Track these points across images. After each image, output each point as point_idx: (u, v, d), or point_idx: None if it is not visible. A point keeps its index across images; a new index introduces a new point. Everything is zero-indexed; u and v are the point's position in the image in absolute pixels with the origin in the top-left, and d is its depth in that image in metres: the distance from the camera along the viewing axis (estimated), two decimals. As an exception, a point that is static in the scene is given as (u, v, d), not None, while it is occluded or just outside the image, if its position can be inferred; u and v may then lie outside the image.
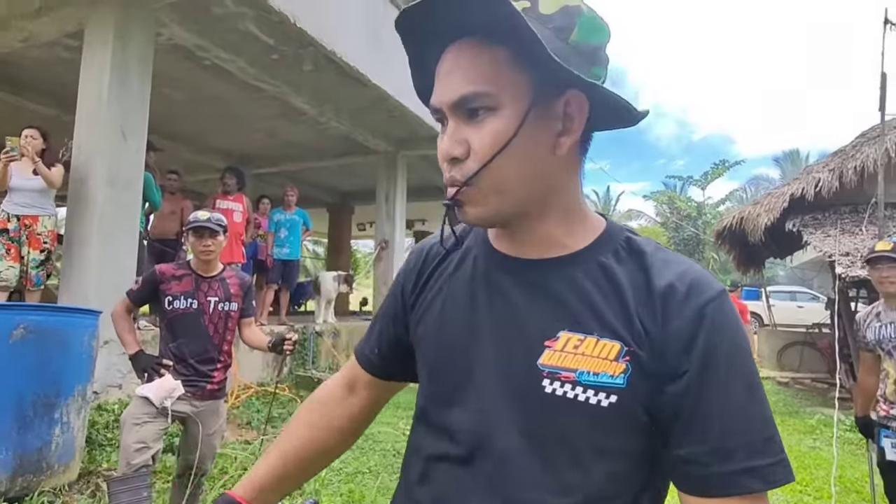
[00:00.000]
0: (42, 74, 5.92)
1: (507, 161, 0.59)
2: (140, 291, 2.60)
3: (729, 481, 0.54)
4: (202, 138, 8.52)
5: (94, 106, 4.30)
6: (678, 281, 0.59)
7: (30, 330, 2.75)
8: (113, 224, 4.26)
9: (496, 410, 0.62)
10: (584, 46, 0.59)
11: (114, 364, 4.25)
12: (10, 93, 6.16)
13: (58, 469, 2.80)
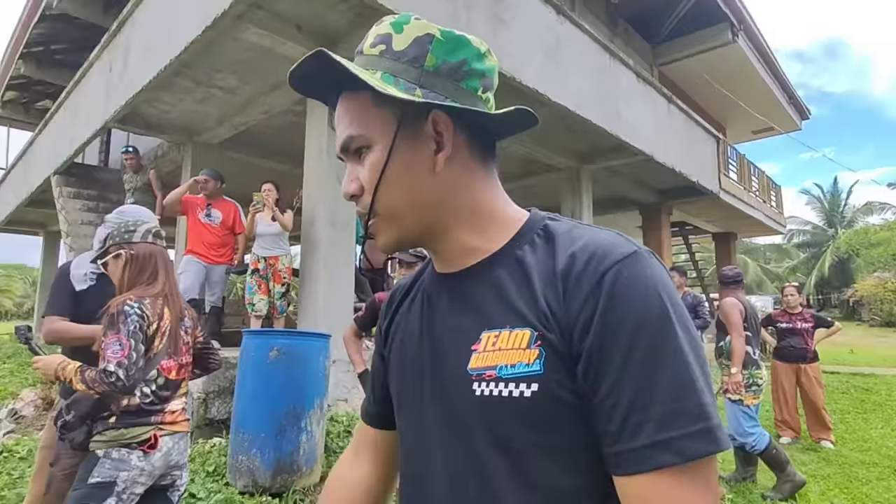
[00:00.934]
0: (277, 138, 7.19)
1: (389, 188, 0.64)
2: (363, 318, 2.93)
3: (637, 457, 0.51)
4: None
5: (315, 160, 5.06)
6: (579, 253, 0.58)
7: (282, 351, 3.30)
8: (335, 260, 4.92)
9: (434, 439, 0.64)
10: (444, 66, 0.63)
11: (340, 380, 4.86)
12: (254, 155, 7.60)
13: (305, 471, 3.27)
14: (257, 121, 6.54)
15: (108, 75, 6.97)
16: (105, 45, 7.02)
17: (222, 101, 6.32)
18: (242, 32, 4.65)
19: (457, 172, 0.66)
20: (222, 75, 5.70)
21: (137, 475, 1.80)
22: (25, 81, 12.35)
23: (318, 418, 3.40)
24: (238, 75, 5.68)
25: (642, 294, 0.54)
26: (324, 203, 4.94)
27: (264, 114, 6.31)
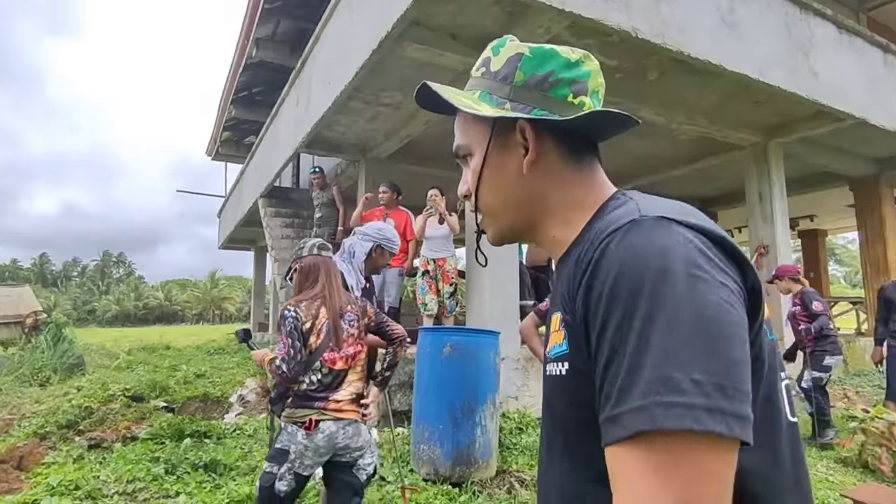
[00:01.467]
0: (438, 146, 7.55)
1: (486, 190, 0.73)
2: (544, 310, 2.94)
3: (615, 422, 0.48)
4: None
5: (476, 161, 5.20)
6: (594, 231, 0.61)
7: (454, 347, 3.44)
8: (499, 260, 4.99)
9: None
10: (532, 80, 0.70)
11: (510, 378, 4.91)
12: (418, 164, 8.08)
13: (481, 464, 3.36)
14: (419, 132, 6.94)
15: (295, 108, 8.01)
16: (292, 83, 8.07)
17: (388, 118, 6.84)
18: (404, 50, 4.97)
19: (545, 173, 0.71)
20: (388, 93, 6.17)
21: (303, 450, 2.09)
22: (236, 122, 14.77)
23: (492, 413, 3.48)
24: (401, 91, 6.09)
25: (620, 262, 0.53)
26: (485, 204, 5.05)
27: (425, 125, 6.67)
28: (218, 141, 16.12)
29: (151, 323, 53.03)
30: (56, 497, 2.97)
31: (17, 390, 6.77)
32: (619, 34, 4.77)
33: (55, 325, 8.58)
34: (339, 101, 6.24)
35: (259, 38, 10.91)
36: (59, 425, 4.74)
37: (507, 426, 4.30)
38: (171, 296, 65.09)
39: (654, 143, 7.64)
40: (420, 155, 7.96)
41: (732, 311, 0.50)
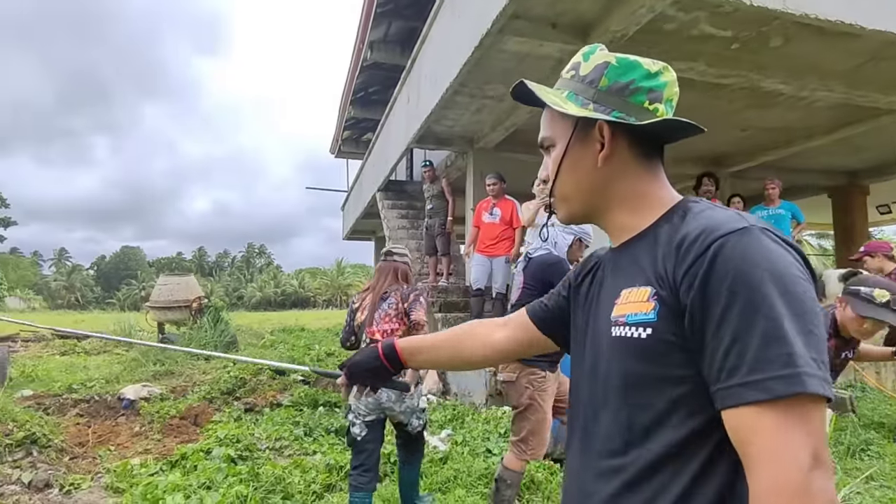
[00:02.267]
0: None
1: (564, 176, 0.86)
2: None
3: (732, 394, 0.61)
4: (674, 150, 8.63)
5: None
6: (695, 227, 0.70)
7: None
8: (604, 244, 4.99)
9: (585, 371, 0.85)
10: (615, 86, 0.81)
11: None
12: (524, 153, 8.18)
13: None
14: (524, 121, 7.05)
15: (406, 106, 8.50)
16: (403, 82, 8.57)
17: (493, 109, 7.03)
18: (504, 44, 5.13)
19: (617, 167, 0.83)
20: (491, 86, 6.36)
21: (356, 406, 2.71)
22: (355, 121, 15.84)
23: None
24: (504, 83, 6.25)
25: (739, 261, 0.64)
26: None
27: (529, 114, 6.76)
28: (339, 139, 17.40)
29: (288, 308, 58.60)
30: (223, 447, 3.64)
31: (189, 363, 8.07)
32: (732, 4, 4.51)
33: (214, 308, 10.01)
34: (446, 97, 6.56)
35: (373, 40, 11.61)
36: (222, 392, 5.65)
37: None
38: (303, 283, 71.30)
39: (782, 113, 7.01)
40: (525, 143, 8.06)
41: (817, 305, 0.65)
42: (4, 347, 7.70)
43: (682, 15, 4.79)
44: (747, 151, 8.76)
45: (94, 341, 11.46)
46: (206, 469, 3.23)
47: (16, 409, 4.33)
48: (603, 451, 0.77)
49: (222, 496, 2.77)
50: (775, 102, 6.59)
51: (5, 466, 3.21)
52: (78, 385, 6.42)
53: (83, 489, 3.08)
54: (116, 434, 4.49)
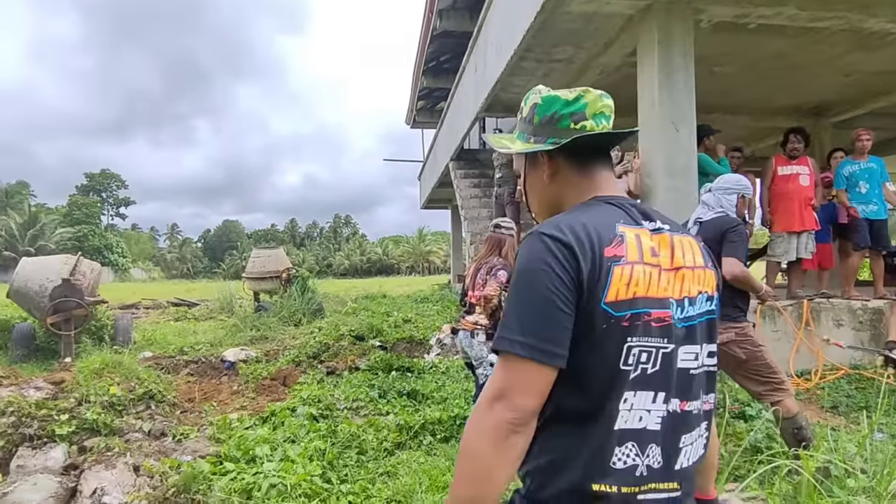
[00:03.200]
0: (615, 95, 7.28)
1: (529, 196, 1.10)
2: None
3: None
4: (765, 102, 8.11)
5: (648, 110, 5.00)
6: None
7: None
8: (675, 208, 4.80)
9: None
10: (545, 119, 1.00)
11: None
12: (598, 116, 7.88)
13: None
14: (593, 82, 6.78)
15: (474, 75, 8.45)
16: (470, 50, 8.50)
17: (562, 72, 6.83)
18: (568, 5, 4.95)
19: (561, 180, 1.03)
20: (558, 49, 6.17)
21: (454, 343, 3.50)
22: (427, 91, 15.92)
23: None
24: (572, 45, 6.04)
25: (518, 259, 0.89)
26: (659, 152, 4.86)
27: (599, 74, 6.51)
28: (414, 110, 17.60)
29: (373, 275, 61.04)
30: (307, 406, 4.02)
31: (280, 328, 8.80)
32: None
33: (301, 278, 10.74)
34: (511, 64, 6.46)
35: (441, 8, 11.53)
36: (307, 356, 6.16)
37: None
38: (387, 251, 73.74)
39: (891, 55, 6.22)
40: (598, 105, 7.76)
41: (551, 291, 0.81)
42: (129, 314, 8.79)
43: (764, -44, 4.38)
44: (852, 98, 7.88)
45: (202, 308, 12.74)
46: (290, 425, 3.62)
47: (139, 369, 5.02)
48: None
49: (303, 449, 3.10)
50: (884, 43, 5.86)
51: (130, 417, 3.79)
52: (188, 348, 7.24)
53: (191, 438, 3.56)
54: (218, 392, 5.07)
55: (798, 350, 4.96)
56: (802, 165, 5.63)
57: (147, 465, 2.99)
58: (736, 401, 3.91)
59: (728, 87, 7.18)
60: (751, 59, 6.42)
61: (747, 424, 3.57)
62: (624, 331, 0.82)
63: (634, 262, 0.85)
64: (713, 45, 5.84)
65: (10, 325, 7.10)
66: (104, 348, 6.64)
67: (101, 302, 7.42)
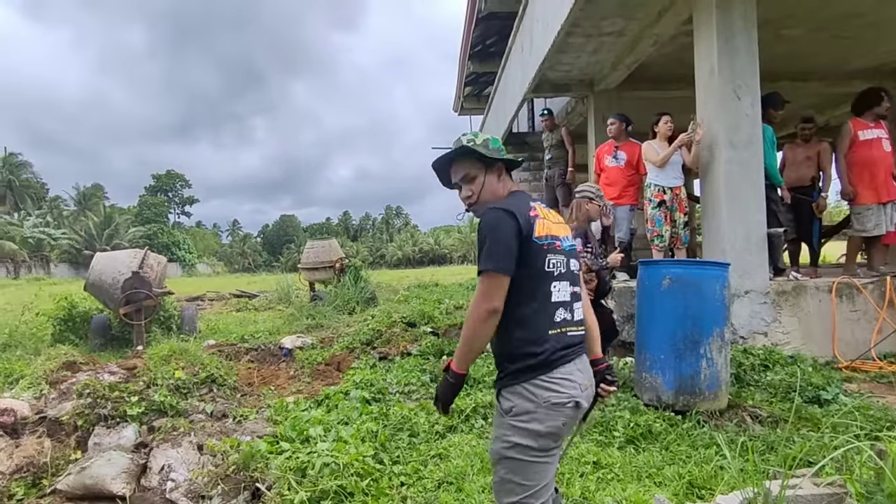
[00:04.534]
0: (670, 66, 6.92)
1: (483, 193, 1.69)
2: None
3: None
4: (839, 66, 7.49)
5: (706, 78, 4.70)
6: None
7: (674, 280, 3.40)
8: (738, 182, 4.52)
9: None
10: (493, 148, 1.69)
11: (757, 313, 4.51)
12: (650, 89, 7.53)
13: (708, 395, 3.32)
14: (647, 54, 6.48)
15: (521, 55, 8.25)
16: (516, 30, 8.29)
17: (612, 46, 6.55)
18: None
19: (502, 181, 1.71)
20: (608, 21, 5.91)
21: None
22: (475, 76, 15.71)
23: (720, 346, 3.36)
24: (623, 16, 5.78)
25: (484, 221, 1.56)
26: (720, 122, 4.57)
27: (653, 45, 6.20)
28: (461, 96, 17.43)
29: (426, 265, 61.50)
30: (359, 390, 4.08)
31: (335, 316, 9.00)
32: None
33: (354, 268, 10.94)
34: (559, 41, 6.25)
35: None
36: (361, 342, 6.25)
37: (749, 362, 4.03)
38: (439, 240, 74.05)
39: None
40: (651, 79, 7.42)
41: (510, 236, 1.52)
42: (194, 305, 9.23)
43: None
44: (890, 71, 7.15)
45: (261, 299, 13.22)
46: (344, 408, 3.67)
47: (203, 355, 5.25)
48: None
49: (356, 430, 3.14)
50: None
51: (194, 399, 3.96)
52: (248, 336, 7.52)
53: (250, 420, 3.69)
54: (276, 377, 5.23)
55: (881, 331, 4.57)
56: (881, 129, 5.17)
57: (210, 444, 3.11)
58: (810, 384, 3.64)
59: (796, 51, 6.68)
60: (821, 20, 5.93)
61: (822, 409, 3.32)
62: (545, 251, 1.56)
63: (543, 219, 1.58)
64: (779, 7, 5.44)
65: (88, 317, 7.61)
66: (172, 337, 7.00)
67: (168, 293, 7.82)
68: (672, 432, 3.08)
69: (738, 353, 4.12)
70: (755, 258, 4.50)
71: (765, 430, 3.13)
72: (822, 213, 5.65)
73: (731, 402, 3.46)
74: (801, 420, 3.14)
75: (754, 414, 3.27)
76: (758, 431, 3.10)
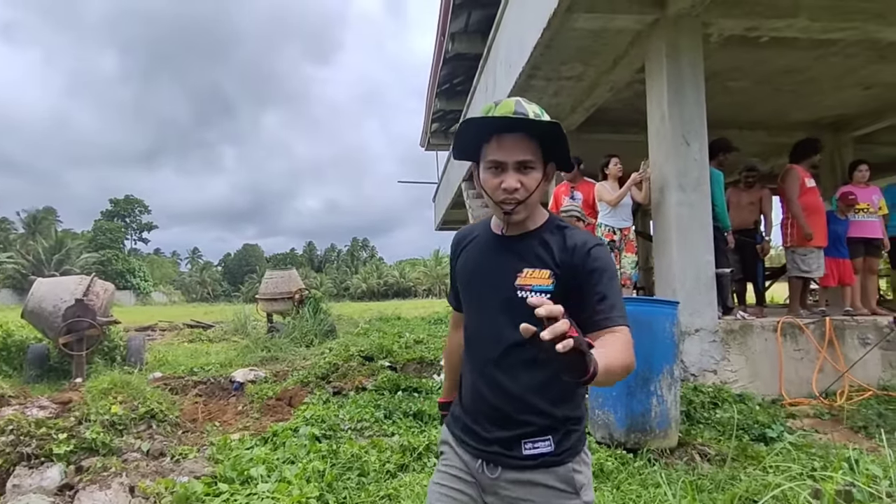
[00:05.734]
0: (625, 111, 7.22)
1: (535, 192, 1.22)
2: None
3: (613, 320, 1.15)
4: (781, 117, 7.98)
5: (658, 124, 4.92)
6: (579, 241, 1.22)
7: (625, 317, 3.46)
8: (687, 224, 4.68)
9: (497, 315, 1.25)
10: None
11: (706, 350, 4.61)
12: (607, 132, 7.83)
13: (658, 433, 3.34)
14: (604, 99, 6.75)
15: (485, 94, 8.48)
16: (480, 70, 8.55)
17: (572, 90, 6.81)
18: (574, 22, 4.95)
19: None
20: (567, 66, 6.15)
21: None
22: (442, 113, 16.04)
23: (669, 384, 3.40)
24: (581, 61, 6.03)
25: (605, 257, 1.22)
26: (670, 166, 4.76)
27: (610, 91, 6.47)
28: (428, 133, 17.73)
29: (390, 298, 60.98)
30: (309, 426, 3.93)
31: (291, 349, 8.74)
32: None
33: (314, 299, 10.72)
34: (520, 83, 6.46)
35: (454, 31, 11.67)
36: (316, 376, 6.07)
37: (699, 399, 4.09)
38: (404, 273, 73.76)
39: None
40: (609, 122, 7.72)
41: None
42: (142, 336, 8.83)
43: (773, -33, 4.34)
44: (874, 111, 7.71)
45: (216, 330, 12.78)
46: (291, 445, 3.52)
47: (146, 389, 4.98)
48: None
49: (301, 469, 3.01)
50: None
51: (130, 437, 3.73)
52: (198, 368, 7.21)
53: (189, 458, 3.48)
54: (224, 412, 5.00)
55: (822, 370, 4.73)
56: (814, 180, 5.58)
57: (142, 485, 2.92)
58: (756, 422, 3.71)
59: (743, 102, 7.09)
60: (764, 74, 6.32)
61: (767, 447, 3.37)
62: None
63: None
64: (725, 60, 5.78)
65: (25, 346, 7.16)
66: (115, 369, 6.64)
67: (114, 322, 7.46)
68: (623, 471, 3.07)
69: (689, 390, 4.18)
70: (704, 297, 4.64)
71: (713, 468, 3.15)
72: (765, 255, 5.92)
73: (681, 439, 3.48)
74: (747, 458, 3.18)
75: (703, 452, 3.30)
76: (706, 470, 3.12)
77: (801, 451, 3.17)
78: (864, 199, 5.82)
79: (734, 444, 3.32)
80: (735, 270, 5.44)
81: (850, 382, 4.66)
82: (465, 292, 1.35)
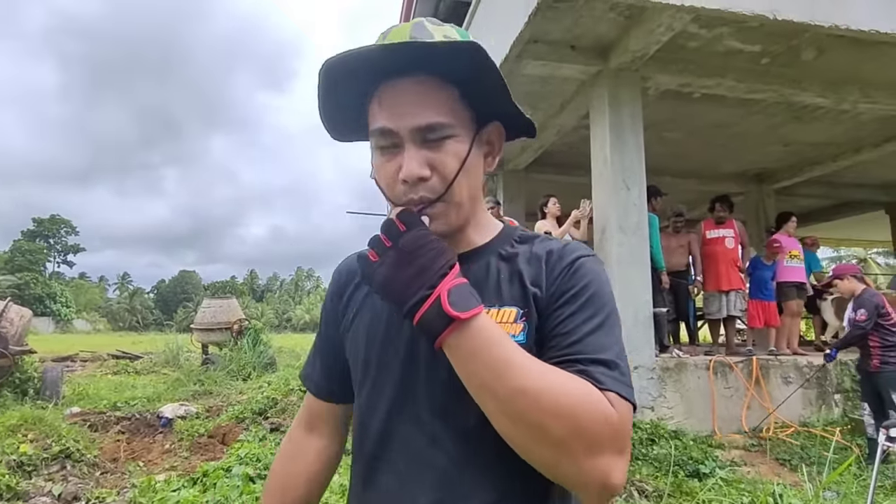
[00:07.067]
0: (571, 154, 7.55)
1: (462, 179, 0.70)
2: None
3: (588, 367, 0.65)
4: (711, 168, 8.56)
5: (601, 167, 5.16)
6: (556, 247, 0.75)
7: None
8: (627, 264, 4.89)
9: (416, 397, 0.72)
10: None
11: (643, 388, 4.76)
12: (554, 173, 8.14)
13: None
14: (551, 142, 7.04)
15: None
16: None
17: (520, 131, 7.05)
18: (524, 68, 5.17)
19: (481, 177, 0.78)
20: (516, 109, 6.39)
21: None
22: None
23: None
24: (528, 105, 6.28)
25: (596, 273, 0.72)
26: (612, 209, 4.98)
27: (556, 134, 6.75)
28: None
29: (334, 330, 59.42)
30: (243, 465, 3.72)
31: (227, 382, 8.33)
32: (756, 18, 4.41)
33: (254, 330, 10.33)
34: (471, 122, 6.64)
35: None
36: (253, 412, 5.79)
37: (637, 436, 4.19)
38: (349, 306, 72.45)
39: (826, 127, 6.72)
40: (555, 164, 8.03)
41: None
42: (60, 367, 8.17)
43: (704, 32, 4.73)
44: (793, 166, 8.41)
45: (145, 361, 12.02)
46: (223, 487, 3.32)
47: (62, 426, 4.59)
48: None
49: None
50: (815, 116, 6.34)
51: (40, 479, 3.41)
52: (122, 403, 6.73)
53: (107, 503, 3.22)
54: (149, 450, 4.67)
55: (749, 406, 4.98)
56: (728, 229, 6.22)
57: (50, 533, 2.66)
58: (691, 458, 3.84)
59: (677, 151, 7.56)
60: (696, 127, 6.80)
61: (700, 483, 3.48)
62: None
63: None
64: (662, 112, 6.18)
65: (-78, 377, 6.47)
66: (27, 403, 6.10)
67: (29, 352, 6.89)
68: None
69: (628, 427, 4.28)
70: (643, 335, 4.81)
71: (651, 503, 3.22)
72: (697, 295, 6.29)
73: (620, 477, 3.54)
74: (682, 494, 3.27)
75: (641, 489, 3.36)
76: (644, 506, 3.18)
77: (732, 486, 3.29)
78: (789, 247, 6.34)
79: (670, 480, 3.41)
80: (670, 310, 5.71)
81: (775, 419, 4.92)
82: (364, 367, 0.78)
